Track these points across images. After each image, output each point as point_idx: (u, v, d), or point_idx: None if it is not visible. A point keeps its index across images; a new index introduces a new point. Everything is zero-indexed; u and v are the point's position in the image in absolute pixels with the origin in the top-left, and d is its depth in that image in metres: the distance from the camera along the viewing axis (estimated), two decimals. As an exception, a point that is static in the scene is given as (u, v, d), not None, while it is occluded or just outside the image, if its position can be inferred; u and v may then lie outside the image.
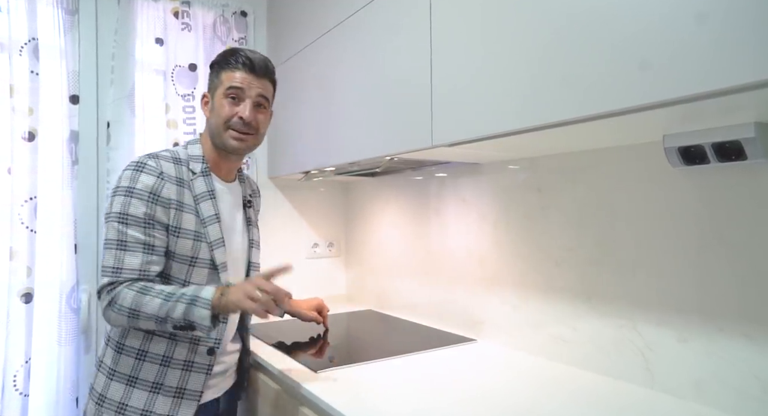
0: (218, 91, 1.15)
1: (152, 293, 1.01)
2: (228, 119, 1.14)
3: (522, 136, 0.97)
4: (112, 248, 1.04)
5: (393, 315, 1.86)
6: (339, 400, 1.01)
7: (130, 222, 1.05)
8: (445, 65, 1.10)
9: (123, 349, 1.08)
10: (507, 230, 1.40)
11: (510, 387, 1.09)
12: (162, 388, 1.07)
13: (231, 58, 1.15)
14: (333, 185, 2.20)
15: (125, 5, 1.71)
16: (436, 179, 1.66)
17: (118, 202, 1.06)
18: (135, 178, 1.07)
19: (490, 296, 1.46)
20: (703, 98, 0.68)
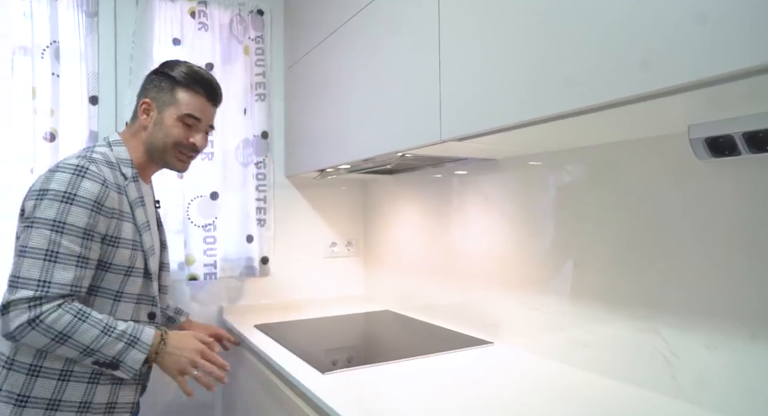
0: (171, 110, 1.12)
1: (90, 322, 0.95)
2: (179, 143, 1.13)
3: (534, 128, 0.92)
4: (38, 259, 0.93)
5: (410, 316, 1.82)
6: (340, 402, 0.98)
7: (66, 232, 0.95)
8: (453, 58, 1.06)
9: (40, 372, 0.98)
10: (525, 229, 1.34)
11: (526, 393, 1.04)
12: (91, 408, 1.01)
13: (196, 83, 1.13)
14: (351, 183, 2.18)
15: (143, 6, 1.74)
16: (456, 176, 1.61)
17: (52, 208, 0.95)
18: (76, 183, 0.98)
19: (507, 298, 1.40)
20: (728, 81, 0.61)
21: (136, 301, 1.10)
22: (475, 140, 1.05)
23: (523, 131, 0.94)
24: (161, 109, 1.13)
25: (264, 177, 1.93)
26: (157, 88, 1.14)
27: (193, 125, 1.14)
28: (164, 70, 1.14)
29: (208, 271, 1.80)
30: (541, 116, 0.85)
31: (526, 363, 1.24)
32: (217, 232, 1.83)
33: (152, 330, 1.02)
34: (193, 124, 1.14)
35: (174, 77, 1.13)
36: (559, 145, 1.19)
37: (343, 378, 1.14)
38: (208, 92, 1.15)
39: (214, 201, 1.82)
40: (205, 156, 1.81)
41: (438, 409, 0.95)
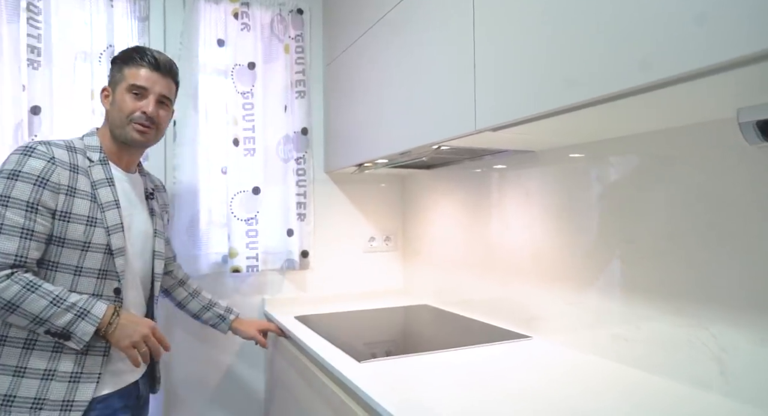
0: (120, 86, 1.18)
1: (39, 292, 0.99)
2: (130, 114, 1.17)
3: (573, 115, 0.90)
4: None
5: (448, 310, 1.81)
6: (375, 389, 0.99)
7: (10, 205, 1.01)
8: (488, 46, 1.05)
9: (6, 341, 1.04)
10: (564, 222, 1.31)
11: (565, 387, 1.01)
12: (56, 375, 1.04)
13: (136, 55, 1.19)
14: (390, 178, 2.19)
15: (190, 9, 1.81)
16: (495, 171, 1.58)
17: (1, 184, 1.02)
18: (22, 162, 1.04)
19: (547, 292, 1.37)
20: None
21: (97, 276, 1.11)
22: (511, 129, 1.04)
23: (561, 118, 0.92)
24: (114, 90, 1.20)
25: (304, 172, 1.97)
26: (111, 75, 1.23)
27: (142, 94, 1.19)
28: (116, 57, 1.23)
29: (250, 264, 1.86)
30: (580, 101, 0.83)
31: (566, 357, 1.21)
32: (259, 226, 1.88)
33: (104, 305, 1.05)
34: (141, 93, 1.19)
35: (117, 58, 1.22)
36: (601, 133, 1.15)
37: (379, 366, 1.15)
38: (148, 62, 1.19)
39: (256, 196, 1.88)
40: (247, 152, 1.87)
41: (473, 399, 0.95)
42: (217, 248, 1.84)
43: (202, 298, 1.55)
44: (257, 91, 1.90)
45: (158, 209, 1.36)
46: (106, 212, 1.12)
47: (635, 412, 0.89)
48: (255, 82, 1.89)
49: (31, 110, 1.58)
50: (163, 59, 1.22)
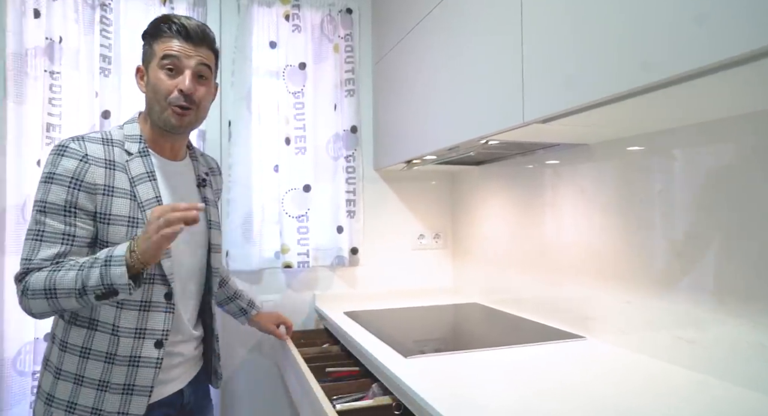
0: (153, 62, 1.05)
1: (66, 268, 0.94)
2: (167, 94, 1.04)
3: (629, 103, 0.85)
4: (29, 239, 0.98)
5: (498, 309, 1.77)
6: (420, 384, 0.98)
7: (48, 210, 0.97)
8: (536, 36, 1.02)
9: (67, 348, 1.01)
10: (623, 218, 1.25)
11: (621, 388, 0.97)
12: (109, 386, 1.00)
13: (164, 25, 1.04)
14: (439, 176, 2.18)
15: (244, 14, 1.88)
16: (548, 167, 1.53)
17: (40, 189, 0.98)
18: (55, 162, 0.98)
19: (602, 291, 1.31)
20: None
21: (147, 281, 1.03)
22: (562, 121, 1.00)
23: (614, 107, 0.87)
24: (147, 69, 1.07)
25: (353, 170, 2.00)
26: (143, 53, 1.10)
27: (176, 68, 1.04)
28: (145, 31, 1.08)
29: (301, 260, 1.90)
30: (637, 87, 0.78)
31: (621, 358, 1.16)
32: (310, 223, 1.92)
33: (124, 244, 0.95)
34: (174, 65, 1.04)
35: (147, 31, 1.08)
36: (655, 124, 1.09)
37: (426, 362, 1.14)
38: (178, 31, 1.04)
39: (307, 193, 1.92)
40: (298, 151, 1.92)
41: (521, 397, 0.93)
42: (269, 245, 1.89)
43: (229, 288, 1.50)
44: (308, 90, 1.94)
45: (212, 197, 1.25)
46: (147, 211, 1.02)
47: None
48: (306, 82, 1.94)
49: (102, 115, 1.69)
50: (194, 26, 1.06)
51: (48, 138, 1.64)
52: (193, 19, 1.08)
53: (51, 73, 1.66)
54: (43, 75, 1.65)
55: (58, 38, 1.67)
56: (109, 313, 1.01)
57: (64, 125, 1.67)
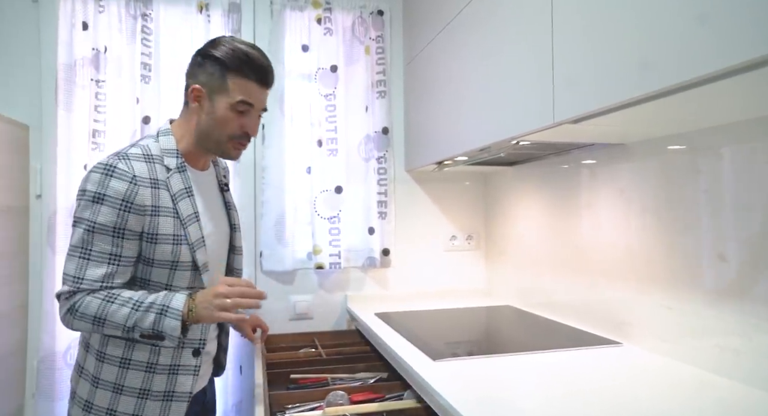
0: (224, 99, 1.04)
1: (119, 301, 0.96)
2: (234, 133, 1.07)
3: (664, 101, 0.81)
4: (75, 256, 0.98)
5: (532, 312, 1.74)
6: (447, 387, 0.97)
7: (97, 231, 0.97)
8: (567, 37, 0.99)
9: (105, 358, 1.03)
10: (664, 220, 1.20)
11: (658, 398, 0.93)
12: (150, 394, 1.03)
13: (245, 65, 1.04)
14: (472, 176, 2.15)
15: (277, 18, 1.92)
16: (584, 167, 1.48)
17: (86, 207, 0.98)
18: (104, 183, 0.98)
19: (640, 296, 1.26)
20: None
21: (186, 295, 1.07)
22: (594, 121, 0.97)
23: (645, 107, 0.84)
24: (212, 96, 1.05)
25: (385, 171, 2.00)
26: (207, 74, 1.06)
27: (246, 111, 1.07)
28: (212, 53, 1.05)
29: (333, 261, 1.92)
30: (673, 84, 0.74)
31: (660, 366, 1.11)
32: (342, 224, 1.94)
33: (182, 296, 0.99)
34: (246, 110, 1.07)
35: (227, 63, 1.04)
36: (696, 122, 1.04)
37: (454, 366, 1.13)
38: (259, 76, 1.06)
39: (339, 195, 1.94)
40: (330, 153, 1.94)
41: (550, 403, 0.90)
42: (302, 246, 1.92)
43: None
44: (339, 92, 1.96)
45: (232, 200, 1.29)
46: (188, 228, 1.05)
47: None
48: (337, 84, 1.95)
49: (143, 120, 1.77)
50: (268, 67, 1.09)
51: (93, 143, 1.73)
52: (263, 55, 1.09)
53: (96, 82, 1.74)
54: (90, 84, 1.74)
55: (104, 48, 1.75)
56: None
57: (108, 131, 1.75)
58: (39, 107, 1.76)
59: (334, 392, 1.20)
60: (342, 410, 1.09)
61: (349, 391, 1.23)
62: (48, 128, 1.74)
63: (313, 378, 1.40)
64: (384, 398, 1.21)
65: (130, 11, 1.78)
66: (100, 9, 1.76)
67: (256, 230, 1.92)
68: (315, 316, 1.97)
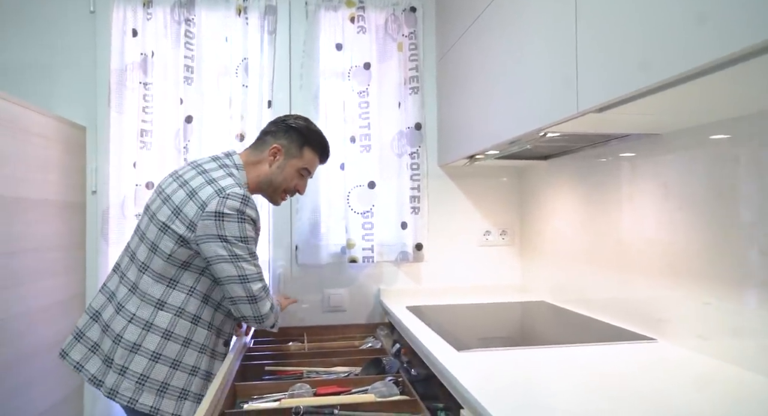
0: (295, 162, 1.36)
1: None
2: (290, 189, 1.40)
3: (695, 84, 0.78)
4: (248, 262, 1.20)
5: (566, 308, 1.70)
6: (469, 378, 0.98)
7: (250, 242, 1.22)
8: (590, 23, 0.97)
9: (171, 336, 1.20)
10: (699, 212, 1.15)
11: (693, 397, 0.89)
12: (198, 372, 1.22)
13: (320, 147, 1.40)
14: (506, 171, 2.13)
15: (312, 18, 1.97)
16: (622, 159, 1.43)
17: (237, 228, 1.17)
18: (243, 210, 1.19)
19: (676, 291, 1.22)
20: None
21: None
22: (619, 109, 0.95)
23: (681, 90, 0.81)
24: (287, 157, 1.36)
25: (417, 167, 2.02)
26: (289, 139, 1.36)
27: (304, 176, 1.41)
28: (299, 128, 1.37)
29: (366, 255, 1.95)
30: (708, 62, 0.71)
31: (696, 364, 1.07)
32: (375, 219, 1.97)
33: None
34: (305, 175, 1.41)
35: (308, 138, 1.37)
36: (736, 109, 0.99)
37: (479, 356, 1.14)
38: (324, 157, 1.44)
39: (372, 190, 1.97)
40: (363, 149, 1.97)
41: (578, 397, 0.89)
42: (335, 240, 1.97)
43: None
44: (372, 89, 1.99)
45: None
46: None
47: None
48: (370, 81, 1.99)
49: (186, 120, 1.86)
50: (329, 152, 1.46)
51: (141, 142, 1.84)
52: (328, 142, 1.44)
53: (144, 85, 1.85)
54: (138, 86, 1.85)
55: (151, 53, 1.86)
56: (208, 314, 1.25)
57: (155, 131, 1.86)
58: (94, 109, 1.90)
59: (300, 384, 1.23)
60: (299, 401, 1.13)
61: (316, 384, 1.25)
62: (102, 129, 1.87)
63: (289, 370, 1.43)
64: (350, 392, 1.23)
65: (174, 17, 1.88)
66: (148, 16, 1.87)
67: (291, 224, 1.99)
68: (348, 309, 2.02)
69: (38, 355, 1.57)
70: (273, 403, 1.17)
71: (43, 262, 1.60)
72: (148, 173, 1.85)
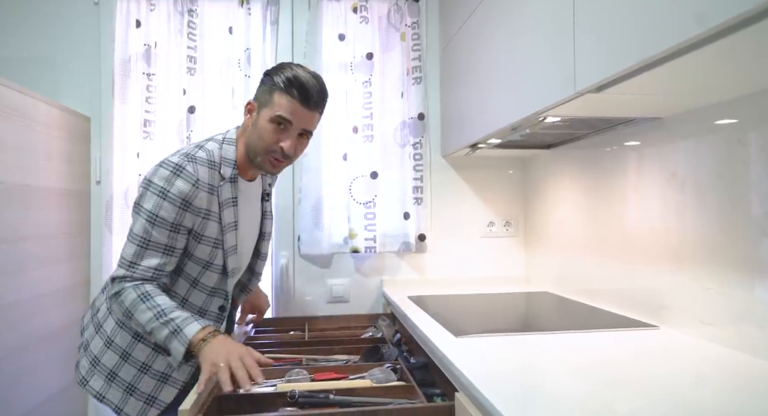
0: (266, 111, 1.11)
1: (148, 304, 1.02)
2: (269, 146, 1.12)
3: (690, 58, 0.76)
4: (134, 243, 1.07)
5: (570, 298, 1.68)
6: (465, 362, 0.97)
7: (157, 224, 1.06)
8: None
9: (124, 326, 1.13)
10: (700, 198, 1.13)
11: (693, 381, 0.88)
12: (149, 370, 1.12)
13: (291, 85, 1.09)
14: (509, 161, 2.11)
15: (314, 9, 1.97)
16: (629, 149, 1.40)
17: (151, 200, 1.07)
18: (171, 181, 1.07)
19: (678, 277, 1.20)
20: None
21: (209, 293, 1.19)
22: (618, 88, 0.93)
23: (677, 65, 0.79)
24: (260, 110, 1.13)
25: (420, 157, 2.01)
26: (261, 91, 1.15)
27: (285, 128, 1.11)
28: (270, 73, 1.14)
29: (368, 245, 1.95)
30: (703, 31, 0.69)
31: (699, 349, 1.05)
32: (377, 209, 1.97)
33: (198, 326, 1.01)
34: (285, 126, 1.11)
35: (274, 78, 1.11)
36: (737, 88, 0.97)
37: (476, 341, 1.13)
38: (302, 96, 1.10)
39: (374, 180, 1.97)
40: (366, 139, 1.97)
41: (576, 381, 0.88)
42: (338, 230, 1.97)
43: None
44: (375, 80, 1.98)
45: (270, 210, 1.39)
46: (226, 234, 1.15)
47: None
48: (373, 71, 1.98)
49: (189, 110, 1.87)
50: (315, 91, 1.12)
51: (145, 132, 1.85)
52: (314, 77, 1.12)
53: (147, 75, 1.87)
54: (142, 77, 1.87)
55: (154, 43, 1.88)
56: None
57: (158, 121, 1.87)
58: (98, 100, 1.91)
59: (297, 370, 1.22)
60: (295, 386, 1.11)
61: (314, 371, 1.23)
62: (106, 119, 1.89)
63: (288, 358, 1.40)
64: (347, 378, 1.22)
65: (177, 8, 1.89)
66: (151, 7, 1.88)
67: (294, 214, 1.99)
68: (351, 299, 2.02)
69: (43, 341, 1.59)
70: (269, 388, 1.17)
71: (47, 249, 1.62)
72: (151, 163, 1.82)
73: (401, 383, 1.17)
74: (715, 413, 0.73)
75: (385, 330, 1.72)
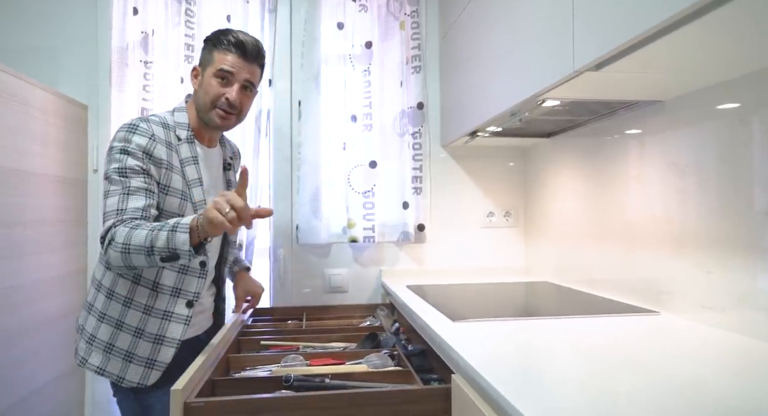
0: (209, 69, 1.20)
1: (142, 228, 1.02)
2: (215, 99, 1.19)
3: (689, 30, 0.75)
4: (114, 196, 1.08)
5: (570, 287, 1.67)
6: (461, 345, 0.96)
7: (130, 174, 1.09)
8: (589, -26, 0.94)
9: (113, 296, 1.15)
10: (699, 179, 1.11)
11: (692, 363, 0.86)
12: (143, 334, 1.14)
13: (224, 38, 1.19)
14: (509, 150, 2.10)
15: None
16: (630, 137, 1.39)
17: (116, 160, 1.10)
18: (128, 138, 1.12)
19: (679, 263, 1.18)
20: None
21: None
22: (617, 66, 0.92)
23: (676, 38, 0.77)
24: (203, 71, 1.22)
25: (420, 147, 1.99)
26: (202, 55, 1.24)
27: (228, 80, 1.19)
28: (209, 38, 1.23)
29: (367, 234, 1.94)
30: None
31: (699, 333, 1.03)
32: (376, 198, 1.95)
33: (193, 216, 1.02)
34: (228, 78, 1.19)
35: (208, 39, 1.22)
36: (740, 66, 0.95)
37: (473, 326, 1.12)
38: (239, 50, 1.19)
39: (373, 170, 1.95)
40: (365, 128, 1.96)
41: (573, 363, 0.87)
42: (336, 220, 1.95)
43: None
44: (374, 69, 1.97)
45: (234, 179, 1.40)
46: (192, 189, 1.19)
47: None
48: (372, 60, 1.97)
49: (186, 98, 1.85)
50: (251, 45, 1.21)
51: (142, 120, 1.84)
52: (250, 36, 1.22)
53: (145, 63, 1.85)
54: (139, 65, 1.85)
55: (151, 31, 1.86)
56: (152, 271, 1.16)
57: (156, 109, 1.85)
58: (96, 88, 1.90)
59: (293, 355, 1.21)
60: (290, 370, 1.11)
61: (310, 357, 1.22)
62: (103, 108, 1.87)
63: (284, 345, 1.39)
64: (344, 364, 1.20)
65: (175, -5, 1.88)
66: (149, -6, 1.87)
67: (292, 204, 1.98)
68: (350, 289, 2.00)
69: (41, 327, 1.58)
70: (264, 372, 1.15)
71: (44, 235, 1.61)
72: (149, 151, 1.84)
73: (397, 368, 1.16)
74: (716, 395, 0.71)
75: (383, 320, 1.71)
